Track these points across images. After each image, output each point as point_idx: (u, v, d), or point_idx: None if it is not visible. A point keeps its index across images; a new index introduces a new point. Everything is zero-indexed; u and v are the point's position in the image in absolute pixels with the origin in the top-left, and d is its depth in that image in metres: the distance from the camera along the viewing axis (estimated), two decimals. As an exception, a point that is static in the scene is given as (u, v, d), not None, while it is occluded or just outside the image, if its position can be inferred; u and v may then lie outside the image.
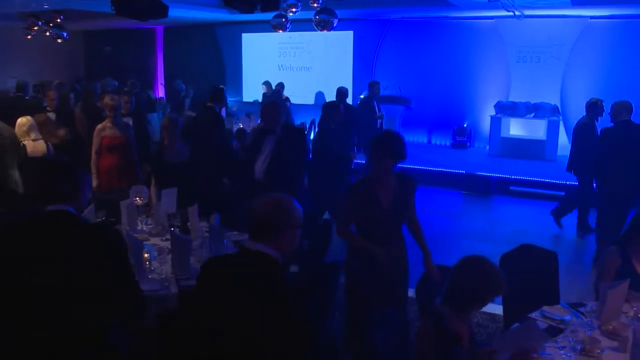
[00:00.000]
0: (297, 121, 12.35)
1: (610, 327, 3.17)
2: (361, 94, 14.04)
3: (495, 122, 12.60)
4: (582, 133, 7.80)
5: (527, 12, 11.75)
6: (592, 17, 12.59)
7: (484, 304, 2.90)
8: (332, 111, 7.50)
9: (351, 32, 14.92)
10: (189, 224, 4.65)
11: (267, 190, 5.37)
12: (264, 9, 7.37)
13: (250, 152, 5.76)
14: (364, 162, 8.42)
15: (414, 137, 14.21)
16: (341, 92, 10.54)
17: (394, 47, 14.58)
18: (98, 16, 12.52)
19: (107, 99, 6.76)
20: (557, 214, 8.21)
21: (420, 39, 14.23)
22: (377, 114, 10.55)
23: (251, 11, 7.17)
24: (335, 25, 10.47)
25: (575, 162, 7.95)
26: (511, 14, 11.43)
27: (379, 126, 10.43)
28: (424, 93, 13.83)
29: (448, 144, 13.62)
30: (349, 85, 14.90)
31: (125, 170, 6.61)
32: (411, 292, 4.20)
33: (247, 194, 5.52)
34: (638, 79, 12.21)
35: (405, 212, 4.06)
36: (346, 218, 4.08)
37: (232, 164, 6.85)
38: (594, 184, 7.51)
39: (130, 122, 7.39)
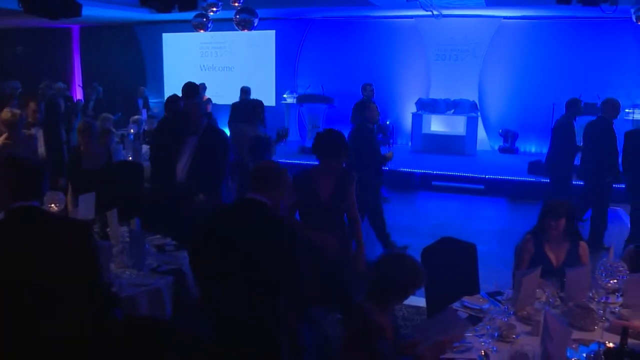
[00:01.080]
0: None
1: (525, 312, 3.30)
2: (285, 94, 14.10)
3: (417, 119, 12.89)
4: (560, 132, 7.98)
5: (445, 12, 12.10)
6: (505, 17, 13.09)
7: (406, 297, 2.99)
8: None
9: (273, 32, 14.90)
10: (108, 229, 4.51)
11: (188, 192, 5.28)
12: (182, 8, 7.19)
13: (170, 154, 5.61)
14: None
15: (338, 136, 14.37)
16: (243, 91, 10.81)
17: (316, 46, 14.67)
18: (6, 13, 11.89)
19: (4, 114, 5.84)
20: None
21: (342, 38, 14.37)
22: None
23: (168, 10, 6.99)
24: (256, 24, 10.41)
25: (554, 160, 8.10)
26: (429, 13, 11.75)
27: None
28: (346, 91, 13.90)
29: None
30: (271, 84, 14.89)
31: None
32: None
33: (167, 197, 5.42)
34: (549, 76, 12.81)
35: (343, 204, 4.19)
36: (291, 208, 4.20)
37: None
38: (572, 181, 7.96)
39: (41, 133, 6.75)
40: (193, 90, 7.28)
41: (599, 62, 12.76)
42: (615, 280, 2.95)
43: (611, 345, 2.73)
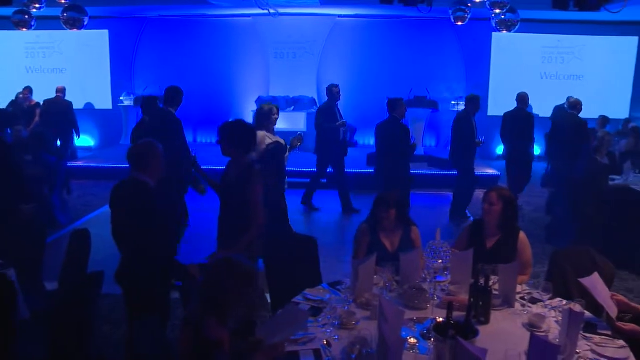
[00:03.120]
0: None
1: (364, 299, 3.42)
2: (122, 96, 13.49)
3: (258, 116, 12.91)
4: (460, 126, 8.36)
5: (282, 11, 12.27)
6: (340, 16, 13.57)
7: (244, 301, 2.82)
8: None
9: (106, 31, 14.22)
10: None
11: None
12: (-4, 4, 6.60)
13: None
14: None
15: (180, 137, 14.06)
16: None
17: (153, 46, 14.23)
18: None
19: None
20: (453, 213, 8.76)
21: (179, 37, 14.07)
22: (339, 121, 9.12)
23: (-22, 5, 6.37)
24: (86, 23, 9.89)
25: (457, 153, 8.49)
26: (267, 12, 11.84)
27: (342, 137, 9.11)
28: (186, 91, 13.58)
29: (214, 141, 13.54)
30: (107, 86, 14.20)
31: None
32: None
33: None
34: (383, 72, 13.48)
35: (236, 197, 4.18)
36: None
37: None
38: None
39: None
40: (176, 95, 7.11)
41: (426, 59, 13.71)
42: (440, 261, 3.16)
43: (440, 319, 2.90)
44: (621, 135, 10.62)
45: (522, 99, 8.98)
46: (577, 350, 2.84)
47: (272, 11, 11.86)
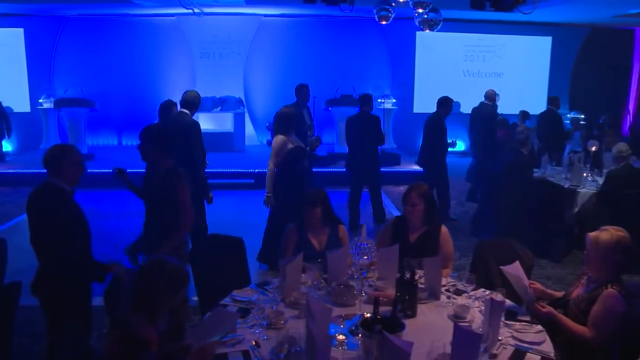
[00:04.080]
0: None
1: (292, 298, 3.41)
2: (41, 98, 12.97)
3: (184, 118, 12.70)
4: (432, 128, 8.39)
5: (207, 10, 12.10)
6: (265, 16, 13.51)
7: (174, 302, 2.88)
8: None
9: (21, 30, 13.57)
10: None
11: None
12: None
13: None
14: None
15: (103, 140, 13.67)
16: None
17: (73, 46, 13.73)
18: None
19: None
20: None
21: (101, 37, 13.65)
22: (307, 123, 8.74)
23: None
24: (-2, 21, 9.45)
25: (427, 154, 8.50)
26: (191, 11, 11.65)
27: (308, 138, 8.47)
28: (110, 93, 13.31)
29: (141, 143, 13.27)
30: (24, 88, 13.61)
31: None
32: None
33: None
34: (309, 71, 13.51)
35: (161, 202, 4.06)
36: None
37: None
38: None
39: None
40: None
41: (352, 57, 13.86)
42: (366, 257, 3.18)
43: (368, 315, 2.93)
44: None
45: (490, 95, 9.68)
46: (499, 338, 2.93)
47: (196, 10, 11.69)
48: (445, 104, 8.49)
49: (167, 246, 3.96)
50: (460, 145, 13.33)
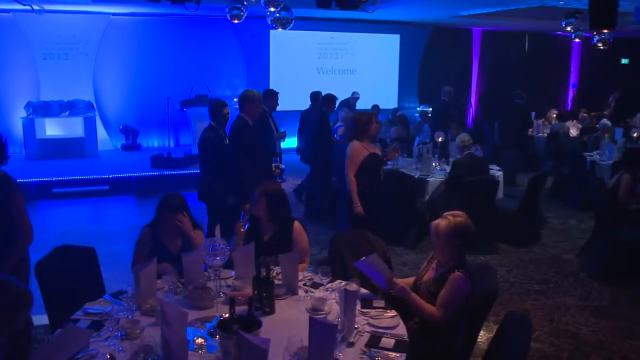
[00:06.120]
0: None
1: (148, 305, 3.30)
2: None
3: (29, 123, 11.89)
4: (315, 127, 8.33)
5: (48, 7, 11.34)
6: (114, 14, 12.94)
7: (15, 327, 2.67)
8: None
9: None
10: None
11: None
12: None
13: None
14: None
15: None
16: None
17: None
18: None
19: None
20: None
21: None
22: (276, 132, 7.78)
23: None
24: None
25: (311, 152, 8.52)
26: (29, 8, 10.86)
27: (278, 150, 7.87)
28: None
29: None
30: None
31: None
32: None
33: None
34: (162, 71, 13.19)
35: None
36: None
37: None
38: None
39: None
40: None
41: (206, 57, 13.69)
42: (219, 257, 3.16)
43: (226, 315, 2.90)
44: (391, 124, 11.55)
45: (448, 92, 10.42)
46: (356, 326, 3.02)
47: (35, 7, 10.90)
48: (330, 102, 8.69)
49: (5, 266, 3.67)
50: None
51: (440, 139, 8.65)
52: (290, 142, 10.54)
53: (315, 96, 9.60)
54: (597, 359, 4.60)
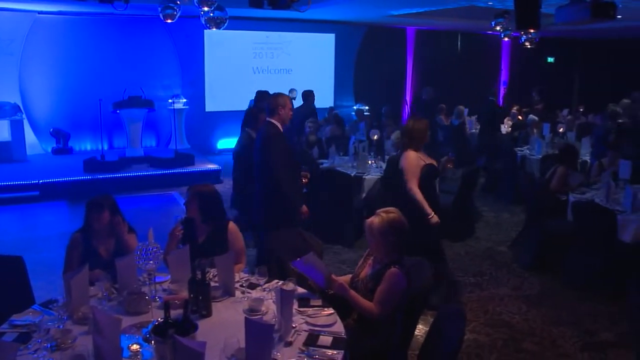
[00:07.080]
0: None
1: (80, 313, 3.21)
2: None
3: (-49, 128, 11.35)
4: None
5: (-35, 5, 10.87)
6: (40, 12, 12.50)
7: None
8: None
9: None
10: None
11: None
12: None
13: None
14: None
15: None
16: None
17: None
18: None
19: None
20: None
21: None
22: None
23: None
24: None
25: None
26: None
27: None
28: None
29: None
30: None
31: None
32: None
33: None
34: (93, 72, 12.85)
35: None
36: None
37: None
38: None
39: None
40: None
41: (139, 57, 13.40)
42: (152, 261, 3.11)
43: (161, 320, 2.86)
44: (326, 122, 11.61)
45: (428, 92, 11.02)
46: (294, 325, 3.02)
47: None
48: (309, 96, 8.77)
49: None
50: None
51: (375, 137, 8.77)
52: (228, 143, 10.44)
53: (307, 95, 10.08)
54: (528, 345, 4.77)
